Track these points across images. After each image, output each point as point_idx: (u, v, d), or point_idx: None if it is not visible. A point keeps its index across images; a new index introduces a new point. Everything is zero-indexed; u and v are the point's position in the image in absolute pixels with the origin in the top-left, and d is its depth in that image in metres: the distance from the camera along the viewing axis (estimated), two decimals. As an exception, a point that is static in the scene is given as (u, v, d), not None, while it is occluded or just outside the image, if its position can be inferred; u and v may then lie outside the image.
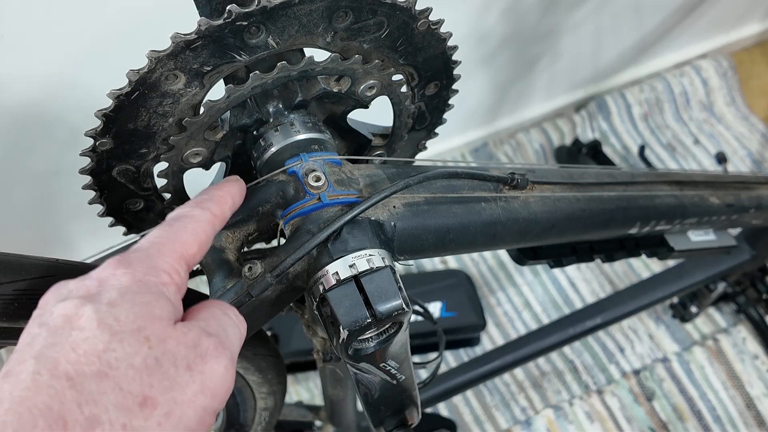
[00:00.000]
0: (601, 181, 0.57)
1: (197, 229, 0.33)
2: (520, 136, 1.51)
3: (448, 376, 0.96)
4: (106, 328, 0.26)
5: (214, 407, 0.28)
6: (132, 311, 0.27)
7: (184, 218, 0.34)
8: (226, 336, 0.31)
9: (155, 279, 0.29)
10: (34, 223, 1.05)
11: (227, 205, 0.37)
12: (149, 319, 0.27)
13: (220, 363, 0.29)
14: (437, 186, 0.46)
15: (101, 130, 0.37)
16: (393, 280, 0.38)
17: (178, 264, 0.31)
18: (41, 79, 0.82)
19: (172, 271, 0.30)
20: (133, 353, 0.26)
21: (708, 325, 1.30)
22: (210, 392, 0.28)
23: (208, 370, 0.28)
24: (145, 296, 0.28)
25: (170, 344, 0.27)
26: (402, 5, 0.40)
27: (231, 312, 0.33)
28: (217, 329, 0.30)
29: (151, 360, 0.26)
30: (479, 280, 1.35)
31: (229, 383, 0.29)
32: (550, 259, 0.61)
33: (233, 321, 0.32)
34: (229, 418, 0.66)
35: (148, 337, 0.27)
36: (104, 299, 0.27)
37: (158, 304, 0.28)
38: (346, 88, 0.44)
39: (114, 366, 0.25)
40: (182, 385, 0.27)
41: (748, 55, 1.71)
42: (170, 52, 0.35)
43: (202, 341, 0.28)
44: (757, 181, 0.78)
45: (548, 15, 1.24)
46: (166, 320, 0.28)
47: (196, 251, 0.32)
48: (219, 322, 0.31)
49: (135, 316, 0.27)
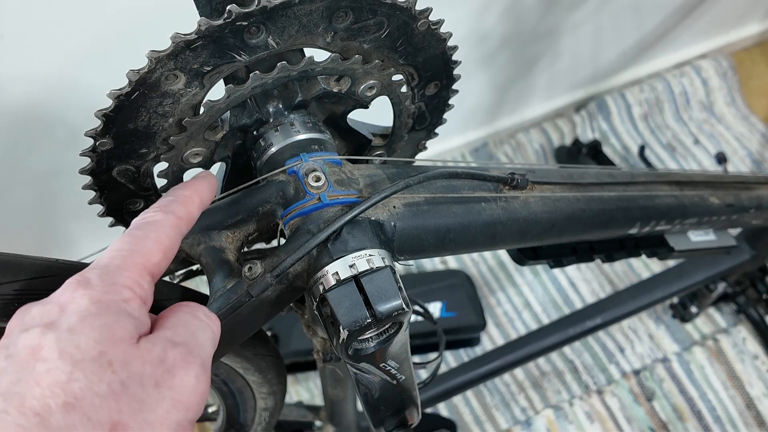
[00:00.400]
0: (601, 181, 0.57)
1: (160, 236, 0.32)
2: (520, 136, 1.51)
3: (448, 376, 0.96)
4: (67, 358, 0.26)
5: (189, 418, 0.28)
6: (92, 336, 0.26)
7: (145, 226, 0.33)
8: (196, 342, 0.30)
9: (116, 297, 0.28)
10: (34, 223, 1.05)
11: (194, 205, 0.36)
12: (110, 342, 0.27)
13: (190, 373, 0.28)
14: (437, 186, 0.46)
15: (101, 130, 0.37)
16: (393, 280, 0.38)
17: (140, 277, 0.30)
18: (41, 79, 0.82)
19: (134, 285, 0.29)
20: (97, 380, 0.26)
21: (708, 325, 1.30)
22: (183, 405, 0.27)
23: (177, 384, 0.28)
24: (105, 318, 0.27)
25: (135, 365, 0.27)
26: (402, 5, 0.40)
27: (200, 313, 0.32)
28: (185, 336, 0.30)
29: (116, 385, 0.26)
30: (479, 280, 1.35)
31: (202, 392, 0.29)
32: (550, 259, 0.61)
33: (203, 323, 0.32)
34: (229, 419, 0.66)
35: (111, 362, 0.26)
36: (64, 326, 0.27)
37: (119, 324, 0.27)
38: (346, 88, 0.44)
39: (79, 396, 0.25)
40: (152, 404, 0.26)
41: (748, 55, 1.71)
42: (170, 52, 0.35)
43: (168, 355, 0.28)
44: (757, 181, 0.78)
45: (548, 15, 1.24)
46: (128, 340, 0.27)
47: (159, 259, 0.32)
48: (187, 327, 0.30)
49: (95, 342, 0.26)
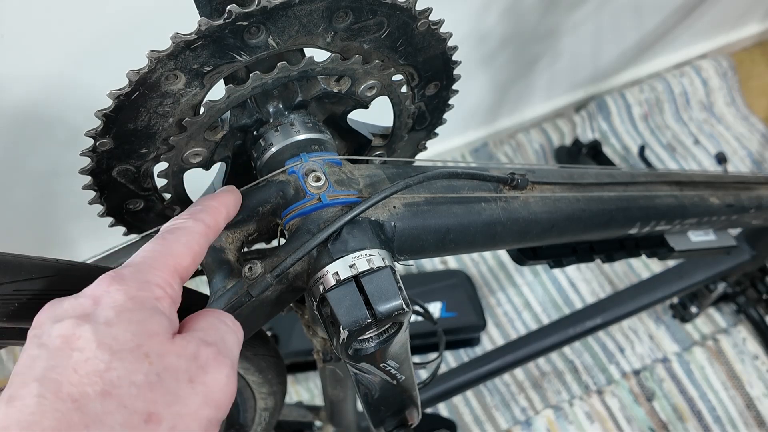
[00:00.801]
0: (601, 181, 0.57)
1: (190, 242, 0.33)
2: (520, 137, 1.51)
3: (448, 376, 0.96)
4: (105, 348, 0.26)
5: (219, 417, 0.28)
6: (129, 329, 0.27)
7: (177, 230, 0.34)
8: (225, 344, 0.31)
9: (149, 294, 0.29)
10: (34, 223, 1.05)
11: (221, 216, 0.37)
12: (147, 336, 0.27)
13: (222, 372, 0.29)
14: (437, 186, 0.46)
15: (101, 130, 0.37)
16: (393, 281, 0.38)
17: (171, 278, 0.31)
18: (41, 78, 0.82)
19: (165, 285, 0.30)
20: (135, 371, 0.26)
21: (708, 326, 1.30)
22: (213, 403, 0.28)
23: (210, 381, 0.28)
24: (141, 313, 0.28)
25: (170, 359, 0.27)
26: (402, 5, 0.40)
27: (227, 319, 0.33)
28: (216, 338, 0.30)
29: (152, 376, 0.26)
30: (479, 281, 1.35)
31: (231, 392, 0.29)
32: (550, 260, 0.61)
33: (230, 328, 0.32)
34: (229, 419, 0.66)
35: (148, 354, 0.27)
36: (101, 318, 0.27)
37: (154, 320, 0.28)
38: (346, 89, 0.44)
39: (117, 385, 0.25)
40: (185, 398, 0.27)
41: (748, 55, 1.71)
42: (170, 52, 0.35)
43: (201, 352, 0.29)
44: (757, 182, 0.78)
45: (548, 15, 1.24)
46: (163, 335, 0.28)
47: (189, 263, 0.32)
48: (217, 330, 0.31)
49: (132, 334, 0.27)
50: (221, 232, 0.41)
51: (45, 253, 0.40)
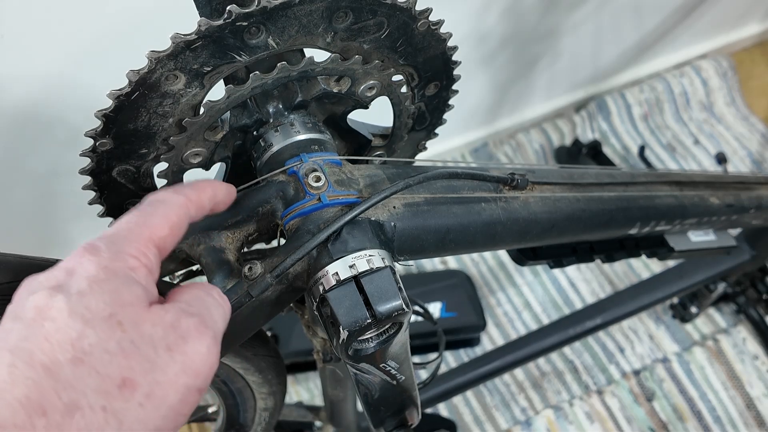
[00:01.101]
0: (601, 181, 0.57)
1: (168, 212, 0.33)
2: (520, 137, 1.51)
3: (448, 376, 0.96)
4: (77, 317, 0.26)
5: (198, 386, 0.28)
6: (102, 299, 0.27)
7: (155, 202, 0.34)
8: (210, 315, 0.31)
9: (122, 264, 0.29)
10: (35, 223, 1.05)
11: (206, 194, 0.36)
12: (120, 305, 0.27)
13: (203, 342, 0.29)
14: (437, 186, 0.46)
15: (101, 130, 0.37)
16: (393, 281, 0.38)
17: (145, 247, 0.31)
18: (41, 79, 0.82)
19: (139, 254, 0.30)
20: (107, 338, 0.26)
21: (708, 326, 1.30)
22: (192, 372, 0.28)
23: (189, 350, 0.28)
24: (114, 283, 0.28)
25: (145, 327, 0.27)
26: (402, 6, 0.40)
27: (214, 292, 0.33)
28: (200, 309, 0.30)
29: (126, 343, 0.26)
30: (479, 281, 1.35)
31: (212, 362, 0.29)
32: (550, 260, 0.61)
33: (216, 301, 0.32)
34: (229, 419, 0.66)
35: (121, 322, 0.27)
36: (73, 289, 0.27)
37: (127, 289, 0.28)
38: (346, 89, 0.44)
39: (88, 352, 0.26)
40: (163, 366, 0.27)
41: (748, 55, 1.71)
42: (170, 52, 0.35)
43: (181, 322, 0.29)
44: (757, 182, 0.78)
45: (548, 15, 1.24)
46: (137, 304, 0.28)
47: (167, 234, 0.32)
48: (202, 302, 0.31)
49: (105, 303, 0.27)
50: (221, 232, 0.41)
51: (45, 253, 0.40)
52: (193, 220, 0.36)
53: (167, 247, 0.33)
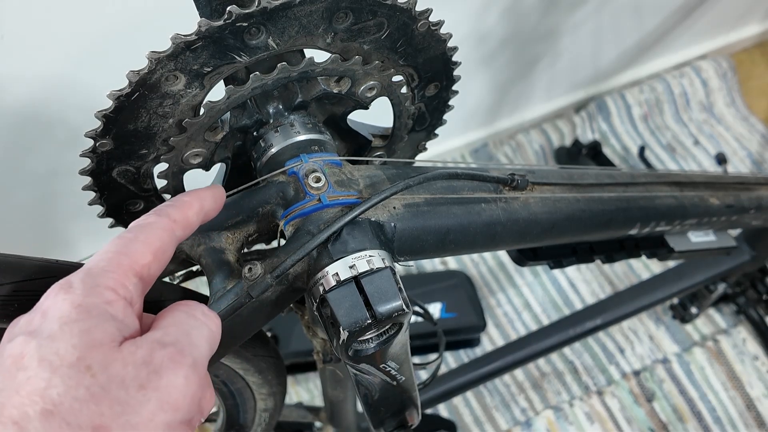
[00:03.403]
0: (601, 182, 0.57)
1: (150, 238, 0.32)
2: (520, 137, 1.51)
3: (448, 377, 0.96)
4: (46, 365, 0.26)
5: (179, 419, 0.27)
6: (71, 342, 0.26)
7: (136, 228, 0.32)
8: (189, 341, 0.30)
9: (97, 300, 0.28)
10: (34, 223, 1.05)
11: (192, 210, 0.35)
12: (89, 347, 0.26)
13: (178, 374, 0.28)
14: (437, 187, 0.46)
15: (101, 130, 0.37)
16: (393, 281, 0.38)
17: (124, 278, 0.30)
18: (41, 79, 0.82)
19: (117, 286, 0.29)
20: (75, 385, 0.25)
21: (708, 326, 1.29)
22: (170, 406, 0.27)
23: (164, 385, 0.27)
24: (85, 323, 0.27)
25: (115, 368, 0.27)
26: (402, 6, 0.40)
27: (197, 311, 0.32)
28: (177, 336, 0.29)
29: (96, 388, 0.26)
30: (479, 281, 1.35)
31: (192, 392, 0.28)
32: (550, 260, 0.61)
33: (199, 321, 0.31)
34: (229, 420, 0.66)
35: (90, 366, 0.26)
36: (45, 333, 0.27)
37: (99, 328, 0.27)
38: (346, 89, 0.44)
39: (57, 402, 0.25)
40: (135, 406, 0.26)
41: (748, 55, 1.71)
42: (170, 53, 0.35)
43: (155, 355, 0.28)
44: (757, 182, 0.78)
45: (548, 15, 1.24)
46: (108, 344, 0.27)
47: (149, 260, 0.31)
48: (180, 327, 0.30)
49: (73, 347, 0.26)
50: (221, 233, 0.41)
51: (45, 253, 0.40)
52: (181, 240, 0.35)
53: (152, 274, 0.32)
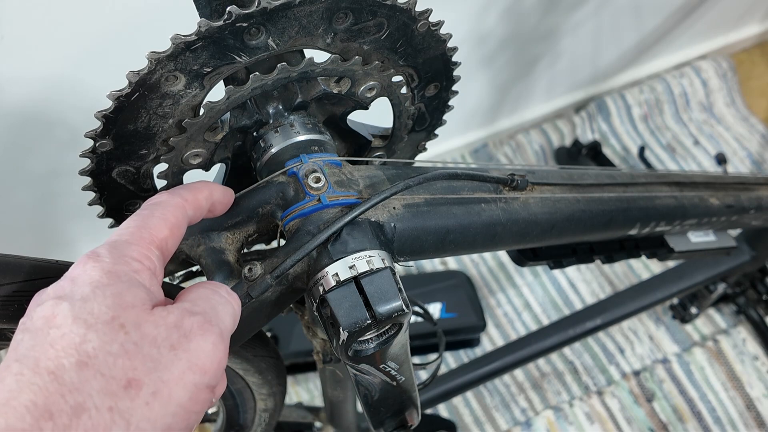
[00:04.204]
0: (600, 182, 0.57)
1: (165, 214, 0.34)
2: (520, 137, 1.51)
3: (448, 377, 0.96)
4: (81, 322, 0.27)
5: (206, 382, 0.29)
6: (104, 303, 0.28)
7: (152, 205, 0.35)
8: (215, 313, 0.31)
9: (125, 268, 0.30)
10: (34, 224, 1.05)
11: (202, 194, 0.37)
12: (122, 307, 0.28)
13: (207, 339, 0.29)
14: (437, 187, 0.46)
15: (101, 131, 0.37)
16: (393, 281, 0.38)
17: (147, 250, 0.31)
18: (41, 79, 0.82)
19: (142, 257, 0.31)
20: (110, 341, 0.27)
21: (708, 326, 1.29)
22: (198, 369, 0.28)
23: (194, 348, 0.29)
24: (116, 287, 0.29)
25: (147, 328, 0.28)
26: (402, 6, 0.40)
27: (222, 290, 0.33)
28: (204, 307, 0.31)
29: (129, 345, 0.27)
30: (479, 281, 1.35)
31: (219, 358, 0.30)
32: (549, 260, 0.61)
33: (224, 299, 0.33)
34: (229, 420, 0.66)
35: (123, 324, 0.27)
36: (77, 295, 0.28)
37: (130, 292, 0.29)
38: (346, 90, 0.44)
39: (92, 355, 0.26)
40: (167, 364, 0.28)
41: (748, 56, 1.71)
42: (170, 53, 0.35)
43: (185, 321, 0.29)
44: (757, 182, 0.78)
45: (548, 16, 1.24)
46: (140, 306, 0.29)
47: (167, 234, 0.33)
48: (208, 301, 0.32)
49: (107, 307, 0.28)
50: (221, 233, 0.41)
51: (45, 254, 0.40)
52: (192, 221, 0.36)
53: (169, 248, 0.33)
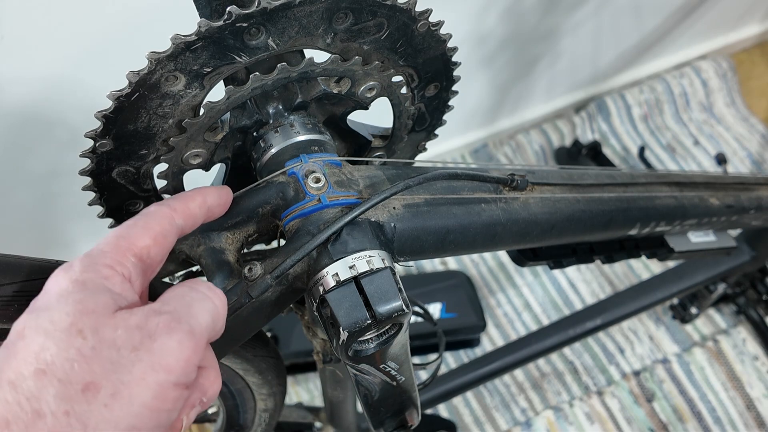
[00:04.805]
0: (600, 182, 0.57)
1: (149, 223, 0.34)
2: (520, 137, 1.51)
3: (448, 377, 0.96)
4: (41, 332, 0.28)
5: (173, 381, 0.29)
6: (64, 310, 0.28)
7: (137, 216, 0.35)
8: (187, 311, 0.31)
9: (93, 275, 0.30)
10: (34, 224, 1.05)
11: (195, 202, 0.37)
12: (82, 314, 0.28)
13: (172, 338, 0.29)
14: (437, 187, 0.46)
15: (101, 131, 0.37)
16: (393, 281, 0.38)
17: (122, 257, 0.32)
18: (41, 80, 0.82)
19: (114, 263, 0.31)
20: (67, 347, 0.27)
21: (708, 326, 1.29)
22: (162, 368, 0.29)
23: (158, 347, 0.29)
24: (79, 294, 0.29)
25: (106, 331, 0.28)
26: (402, 7, 0.40)
27: (201, 287, 0.33)
28: (175, 306, 0.31)
29: (86, 350, 0.28)
30: (479, 281, 1.35)
31: (186, 356, 0.30)
32: (550, 260, 0.61)
33: (202, 295, 0.33)
34: (229, 420, 0.66)
35: (81, 330, 0.28)
36: (43, 306, 0.29)
37: (93, 298, 0.29)
38: (346, 90, 0.44)
39: (50, 362, 0.27)
40: (127, 365, 0.28)
41: (748, 56, 1.71)
42: (170, 53, 0.35)
43: (149, 322, 0.29)
44: (757, 182, 0.78)
45: (548, 16, 1.24)
46: (100, 311, 0.29)
47: (149, 243, 0.33)
48: (181, 299, 0.32)
49: (66, 314, 0.28)
50: (221, 233, 0.41)
51: (45, 254, 0.40)
52: (185, 229, 0.36)
53: (153, 257, 0.34)
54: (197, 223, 0.38)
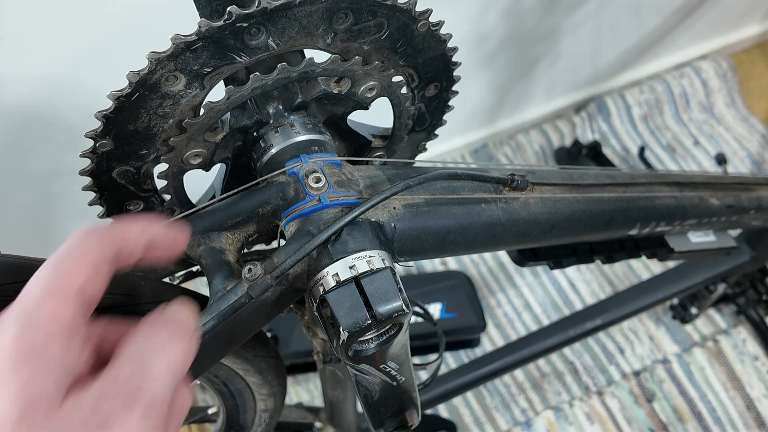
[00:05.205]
0: (601, 182, 0.57)
1: (85, 251, 0.29)
2: (520, 138, 1.51)
3: (448, 377, 0.96)
4: None
5: None
6: (11, 395, 0.25)
7: (68, 245, 0.30)
8: (144, 378, 0.28)
9: (37, 334, 0.26)
10: (35, 224, 1.05)
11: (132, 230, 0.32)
12: (31, 403, 0.25)
13: (130, 420, 0.26)
14: (437, 187, 0.46)
15: (101, 131, 0.37)
16: (393, 282, 0.38)
17: (63, 302, 0.27)
18: (41, 80, 0.82)
19: (56, 315, 0.27)
20: None
21: (708, 327, 1.29)
22: None
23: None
24: (25, 371, 0.25)
25: (58, 424, 0.25)
26: (402, 7, 0.40)
27: (162, 334, 0.30)
28: (129, 375, 0.28)
29: None
30: (479, 282, 1.35)
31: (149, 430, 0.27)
32: (550, 260, 0.61)
33: (160, 346, 0.29)
34: (229, 420, 0.66)
35: (31, 427, 0.25)
36: None
37: (40, 379, 0.26)
38: (346, 90, 0.44)
39: None
40: None
41: (748, 56, 1.71)
42: (170, 53, 0.35)
43: (101, 408, 0.26)
44: (757, 182, 0.78)
45: (548, 16, 1.24)
46: (49, 397, 0.26)
47: (89, 276, 0.29)
48: (136, 360, 0.28)
49: (13, 406, 0.25)
50: (221, 233, 0.41)
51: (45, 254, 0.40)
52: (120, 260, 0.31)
53: (93, 291, 0.29)
54: (135, 257, 0.32)
